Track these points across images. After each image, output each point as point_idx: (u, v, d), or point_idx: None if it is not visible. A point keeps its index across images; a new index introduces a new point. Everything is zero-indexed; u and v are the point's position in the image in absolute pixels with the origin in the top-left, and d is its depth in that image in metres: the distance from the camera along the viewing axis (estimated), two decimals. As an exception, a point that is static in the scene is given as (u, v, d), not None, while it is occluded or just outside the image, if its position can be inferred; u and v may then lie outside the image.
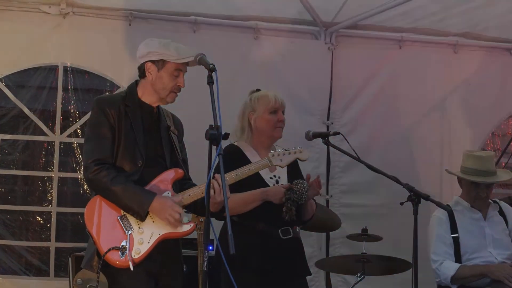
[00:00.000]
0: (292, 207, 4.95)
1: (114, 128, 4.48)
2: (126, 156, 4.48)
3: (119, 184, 4.37)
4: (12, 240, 6.87)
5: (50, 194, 6.95)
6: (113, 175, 4.39)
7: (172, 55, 4.53)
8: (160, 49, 4.55)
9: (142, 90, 4.63)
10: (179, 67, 4.55)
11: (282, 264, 5.02)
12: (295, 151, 4.82)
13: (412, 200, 4.78)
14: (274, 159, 4.74)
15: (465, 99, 7.72)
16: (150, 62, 4.57)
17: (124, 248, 4.34)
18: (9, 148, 6.95)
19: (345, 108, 7.44)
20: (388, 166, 6.27)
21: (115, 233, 4.39)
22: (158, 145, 4.61)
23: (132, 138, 4.50)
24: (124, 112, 4.53)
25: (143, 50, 4.62)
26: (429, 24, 7.50)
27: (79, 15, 6.81)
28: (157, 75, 4.56)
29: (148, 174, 4.50)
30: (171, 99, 4.63)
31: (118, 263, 4.34)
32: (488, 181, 5.79)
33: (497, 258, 5.73)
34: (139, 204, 4.37)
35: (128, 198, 4.37)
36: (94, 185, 4.47)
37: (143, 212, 4.38)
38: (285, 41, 7.34)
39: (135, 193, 4.39)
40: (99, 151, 4.45)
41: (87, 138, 4.57)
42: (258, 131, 5.19)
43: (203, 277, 4.10)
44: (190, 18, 7.02)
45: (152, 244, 4.39)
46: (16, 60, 6.78)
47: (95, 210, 4.43)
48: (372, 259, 5.91)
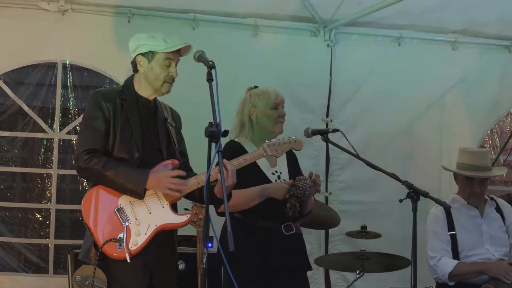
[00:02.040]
0: (296, 203, 4.96)
1: (109, 121, 4.48)
2: (122, 149, 4.48)
3: (112, 168, 4.37)
4: (11, 237, 6.88)
5: (49, 191, 6.95)
6: (105, 160, 4.40)
7: (160, 45, 4.54)
8: (148, 40, 4.57)
9: (137, 84, 4.64)
10: (168, 56, 4.56)
11: (285, 260, 5.03)
12: (290, 141, 4.82)
13: (411, 197, 4.77)
14: (269, 149, 4.73)
15: (463, 96, 7.72)
16: (140, 55, 4.59)
17: (121, 240, 4.34)
18: (8, 145, 6.96)
19: (344, 105, 7.44)
20: (387, 163, 6.30)
21: (112, 225, 4.39)
22: (154, 138, 4.61)
23: (129, 131, 4.51)
24: (120, 105, 4.53)
25: (132, 45, 4.64)
26: (428, 21, 7.50)
27: (78, 12, 6.81)
28: (148, 66, 4.57)
29: (145, 166, 4.49)
30: (166, 89, 4.62)
31: (115, 255, 4.35)
32: (481, 176, 5.78)
33: (495, 255, 5.72)
34: (135, 183, 4.37)
35: (123, 179, 4.37)
36: (87, 174, 4.49)
37: (140, 190, 4.37)
38: (284, 38, 7.34)
39: (129, 173, 4.39)
40: (91, 142, 4.45)
41: (80, 130, 4.61)
42: (259, 127, 5.20)
43: (202, 274, 4.09)
44: (189, 15, 7.02)
45: (149, 235, 4.39)
46: (15, 57, 6.78)
47: (92, 202, 4.43)
48: (371, 256, 5.92)
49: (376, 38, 7.58)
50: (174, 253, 4.69)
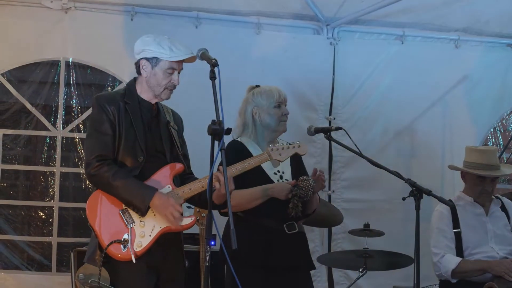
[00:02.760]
0: (298, 203, 4.97)
1: (114, 124, 4.50)
2: (127, 152, 4.50)
3: (120, 179, 4.39)
4: (14, 235, 6.87)
5: (52, 189, 6.95)
6: (114, 170, 4.42)
7: (165, 53, 4.55)
8: (154, 46, 4.57)
9: (140, 87, 4.66)
10: (172, 65, 4.57)
11: (288, 258, 5.04)
12: (294, 146, 4.83)
13: (414, 195, 4.76)
14: (273, 153, 4.75)
15: (466, 94, 7.71)
16: (144, 59, 4.60)
17: (126, 241, 4.36)
18: (11, 143, 6.95)
19: (347, 103, 7.43)
20: (390, 161, 6.31)
21: (117, 227, 4.41)
22: (158, 141, 4.62)
23: (133, 135, 4.52)
24: (124, 108, 4.55)
25: (138, 47, 4.64)
26: (430, 20, 7.50)
27: (81, 10, 6.80)
28: (151, 72, 4.58)
29: (149, 170, 4.52)
30: (165, 96, 4.64)
31: (120, 256, 4.36)
32: (494, 175, 5.79)
33: (499, 253, 5.71)
34: (140, 199, 4.39)
35: (129, 193, 4.39)
36: (96, 181, 4.49)
37: (144, 207, 4.40)
38: (287, 36, 7.33)
39: (136, 188, 4.41)
40: (100, 147, 4.47)
41: (88, 135, 4.60)
42: (263, 126, 5.20)
43: (205, 272, 4.09)
44: (192, 13, 7.01)
45: (154, 237, 4.41)
46: (18, 55, 6.78)
47: (97, 204, 4.46)
48: (374, 254, 5.91)
49: (379, 36, 7.58)
50: (181, 254, 4.70)
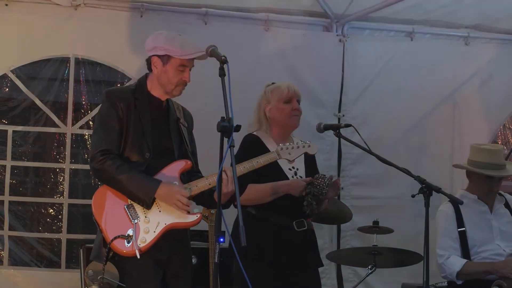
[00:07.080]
0: (313, 201, 4.97)
1: (122, 120, 4.50)
2: (133, 148, 4.50)
3: (124, 173, 4.39)
4: (24, 232, 6.88)
5: (61, 185, 6.97)
6: (118, 164, 4.42)
7: (177, 50, 4.53)
8: (165, 44, 4.56)
9: (150, 83, 4.65)
10: (184, 62, 4.56)
11: (297, 256, 5.06)
12: (304, 145, 4.83)
13: (424, 193, 4.76)
14: (283, 152, 4.75)
15: (476, 91, 7.70)
16: (156, 57, 4.59)
17: (130, 237, 4.36)
18: (20, 140, 6.96)
19: (356, 100, 7.43)
20: (399, 158, 6.29)
21: (121, 222, 4.41)
22: (166, 138, 4.62)
23: (140, 131, 4.52)
24: (133, 105, 4.55)
25: (149, 44, 4.63)
26: (440, 16, 7.49)
27: (90, 6, 6.81)
28: (162, 69, 4.57)
29: (156, 166, 4.51)
30: (177, 92, 4.64)
31: (124, 252, 4.36)
32: (502, 175, 5.76)
33: (505, 250, 5.68)
34: (144, 191, 4.39)
35: (133, 186, 4.39)
36: (99, 175, 4.50)
37: (149, 199, 4.39)
38: (296, 33, 7.33)
39: (140, 180, 4.41)
40: (105, 142, 4.47)
41: (95, 129, 4.60)
42: (274, 121, 5.24)
43: (214, 269, 4.09)
44: (201, 10, 7.01)
45: (158, 233, 4.41)
46: (28, 52, 6.79)
47: (102, 199, 4.46)
48: (383, 251, 5.91)
49: (388, 33, 7.58)
50: (187, 249, 4.70)
